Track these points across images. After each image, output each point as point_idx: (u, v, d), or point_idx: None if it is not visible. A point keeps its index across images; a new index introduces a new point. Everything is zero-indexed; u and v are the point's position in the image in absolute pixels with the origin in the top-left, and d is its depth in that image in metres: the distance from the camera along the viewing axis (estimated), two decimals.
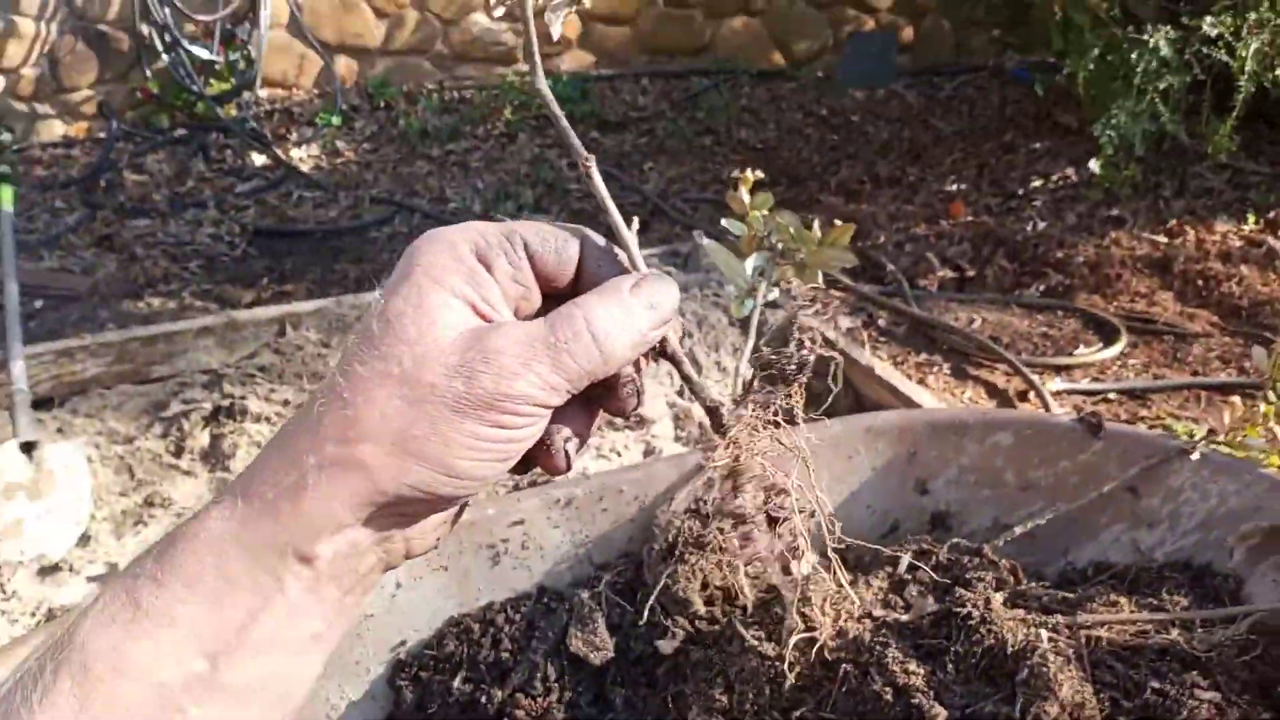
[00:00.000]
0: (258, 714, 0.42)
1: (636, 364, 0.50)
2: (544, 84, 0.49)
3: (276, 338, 2.69)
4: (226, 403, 2.33)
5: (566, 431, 0.49)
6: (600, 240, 0.51)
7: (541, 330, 0.44)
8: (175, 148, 4.48)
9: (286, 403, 2.42)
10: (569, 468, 0.51)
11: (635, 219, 0.52)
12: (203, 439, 2.25)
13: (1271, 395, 1.09)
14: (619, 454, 2.15)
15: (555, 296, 0.50)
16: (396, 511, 0.43)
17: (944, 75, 5.59)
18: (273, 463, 0.43)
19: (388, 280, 0.47)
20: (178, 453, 2.21)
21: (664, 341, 0.52)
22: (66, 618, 0.43)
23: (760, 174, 0.83)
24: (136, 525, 1.97)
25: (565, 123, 0.50)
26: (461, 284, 0.45)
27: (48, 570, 1.82)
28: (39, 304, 3.18)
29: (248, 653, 0.40)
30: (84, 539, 1.92)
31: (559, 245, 0.49)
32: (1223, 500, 1.07)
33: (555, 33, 0.50)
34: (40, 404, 2.29)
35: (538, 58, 0.49)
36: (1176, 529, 1.09)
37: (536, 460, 0.50)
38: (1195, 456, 1.08)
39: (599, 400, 0.51)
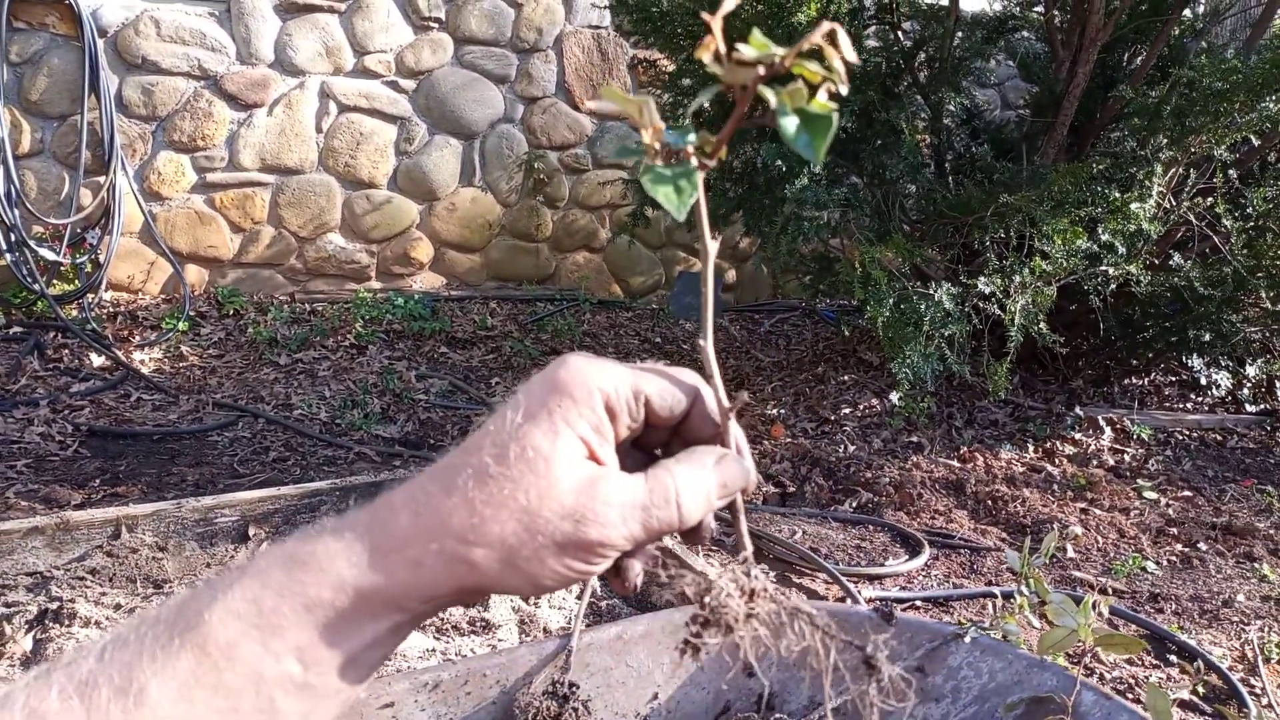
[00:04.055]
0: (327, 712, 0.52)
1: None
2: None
3: (110, 540, 2.64)
4: (54, 606, 2.26)
5: (638, 566, 0.61)
6: (710, 402, 0.61)
7: (641, 493, 0.55)
8: (9, 345, 4.38)
9: (119, 606, 2.36)
10: (636, 592, 0.62)
11: (742, 396, 0.62)
12: (25, 644, 2.17)
13: (1025, 589, 1.33)
14: (467, 656, 2.21)
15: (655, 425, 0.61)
16: (475, 595, 0.55)
17: (763, 313, 6.20)
18: (403, 527, 0.53)
19: (524, 393, 0.56)
20: None
21: (732, 503, 0.63)
22: (202, 586, 0.51)
23: None
24: None
25: (718, 380, 0.61)
26: (589, 431, 0.55)
27: None
28: None
29: (336, 670, 0.51)
30: None
31: (674, 403, 0.60)
32: (993, 676, 1.28)
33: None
34: None
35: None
36: (958, 702, 1.29)
37: (608, 578, 0.60)
38: (968, 640, 1.30)
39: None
